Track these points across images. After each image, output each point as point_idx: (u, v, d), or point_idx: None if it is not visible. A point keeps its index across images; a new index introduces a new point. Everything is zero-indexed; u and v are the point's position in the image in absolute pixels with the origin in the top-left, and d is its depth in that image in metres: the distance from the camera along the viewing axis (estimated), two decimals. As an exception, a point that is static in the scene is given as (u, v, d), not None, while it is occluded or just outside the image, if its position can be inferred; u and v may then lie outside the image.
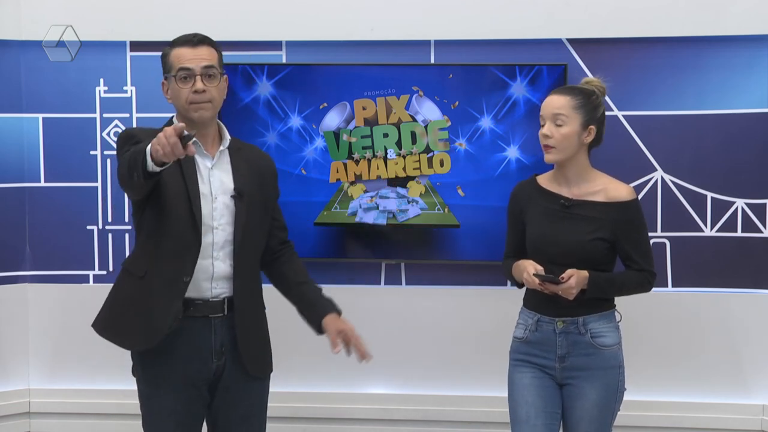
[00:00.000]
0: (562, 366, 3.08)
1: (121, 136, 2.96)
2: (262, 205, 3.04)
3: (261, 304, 3.13)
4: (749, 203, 3.98)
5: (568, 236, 3.05)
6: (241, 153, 3.05)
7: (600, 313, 3.09)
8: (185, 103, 2.92)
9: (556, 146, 3.04)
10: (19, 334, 4.23)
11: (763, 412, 4.03)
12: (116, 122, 4.15)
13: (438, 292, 4.13)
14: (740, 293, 4.02)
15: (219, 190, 2.95)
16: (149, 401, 3.00)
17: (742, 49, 3.91)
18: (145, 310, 2.93)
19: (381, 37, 4.01)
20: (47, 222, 4.20)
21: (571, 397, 3.10)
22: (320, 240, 4.05)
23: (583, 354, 3.07)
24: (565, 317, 3.07)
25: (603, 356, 3.08)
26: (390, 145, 3.99)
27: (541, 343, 3.11)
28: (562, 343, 3.08)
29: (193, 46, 2.93)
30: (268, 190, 3.09)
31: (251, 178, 3.01)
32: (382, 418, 4.15)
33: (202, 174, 2.94)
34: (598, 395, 3.07)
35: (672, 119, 3.98)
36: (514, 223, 3.21)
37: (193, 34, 2.97)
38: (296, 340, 4.15)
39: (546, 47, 3.96)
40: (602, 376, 3.07)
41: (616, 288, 3.10)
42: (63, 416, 4.23)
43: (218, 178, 2.96)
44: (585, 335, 3.07)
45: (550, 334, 3.09)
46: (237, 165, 3.01)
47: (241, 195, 2.96)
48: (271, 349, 3.19)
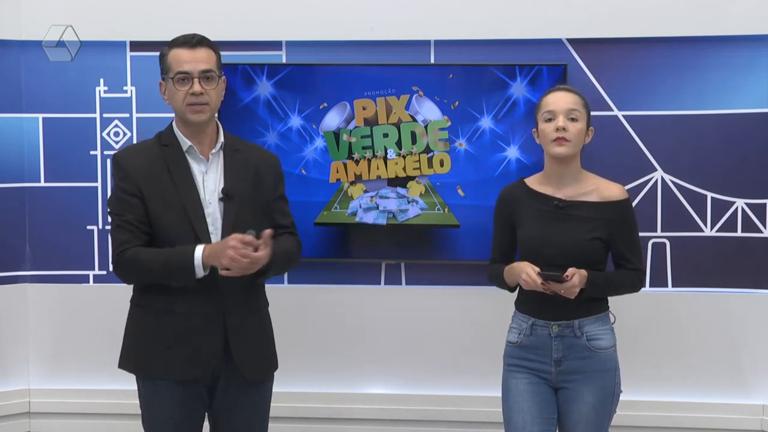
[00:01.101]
0: (557, 370, 3.07)
1: (113, 161, 2.99)
2: (256, 205, 3.00)
3: (260, 304, 3.08)
4: (749, 203, 3.98)
5: (566, 237, 3.04)
6: (240, 154, 3.03)
7: (595, 315, 3.08)
8: (182, 105, 2.92)
9: (572, 140, 3.03)
10: (19, 334, 4.23)
11: (763, 412, 4.03)
12: (116, 122, 4.15)
13: (438, 292, 4.13)
14: (740, 293, 4.02)
15: (212, 195, 2.96)
16: (149, 402, 3.00)
17: (742, 49, 3.91)
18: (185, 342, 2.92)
19: (381, 37, 4.01)
20: (47, 222, 4.19)
21: (567, 401, 3.08)
22: (320, 240, 4.05)
23: (579, 357, 3.06)
24: (561, 320, 3.05)
25: (599, 359, 3.07)
26: (390, 145, 3.99)
27: (536, 348, 3.09)
28: (558, 346, 3.06)
29: (191, 48, 2.93)
30: (265, 189, 3.05)
31: (245, 179, 2.99)
32: (382, 418, 4.15)
33: (196, 180, 2.95)
34: (594, 398, 3.06)
35: (672, 119, 3.97)
36: (501, 227, 3.20)
37: (191, 35, 2.96)
38: (296, 340, 4.16)
39: (546, 47, 3.96)
40: (598, 378, 3.06)
41: (613, 287, 3.09)
42: (63, 416, 4.23)
43: (212, 181, 2.96)
44: (581, 338, 3.06)
45: (545, 338, 3.08)
46: (230, 166, 2.99)
47: (229, 197, 2.94)
48: (275, 350, 3.13)
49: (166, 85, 2.97)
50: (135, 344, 2.99)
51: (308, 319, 4.15)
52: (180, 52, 2.93)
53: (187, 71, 2.90)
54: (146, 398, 3.00)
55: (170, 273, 2.84)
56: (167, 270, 2.84)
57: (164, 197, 2.90)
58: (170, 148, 2.95)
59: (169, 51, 2.95)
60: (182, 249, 2.85)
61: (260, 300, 3.09)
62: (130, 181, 2.90)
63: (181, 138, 2.97)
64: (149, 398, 2.99)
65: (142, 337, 2.97)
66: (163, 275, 2.86)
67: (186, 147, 2.96)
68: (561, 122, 3.02)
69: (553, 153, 3.05)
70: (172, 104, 2.97)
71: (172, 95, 2.95)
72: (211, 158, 2.98)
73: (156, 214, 2.89)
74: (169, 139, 2.98)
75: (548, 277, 2.94)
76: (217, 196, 2.95)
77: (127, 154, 3.00)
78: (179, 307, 2.91)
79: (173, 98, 2.95)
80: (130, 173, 2.90)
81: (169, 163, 2.93)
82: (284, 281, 4.12)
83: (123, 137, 4.13)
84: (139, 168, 2.91)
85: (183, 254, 2.83)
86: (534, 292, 3.03)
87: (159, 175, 2.91)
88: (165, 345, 2.92)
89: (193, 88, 2.90)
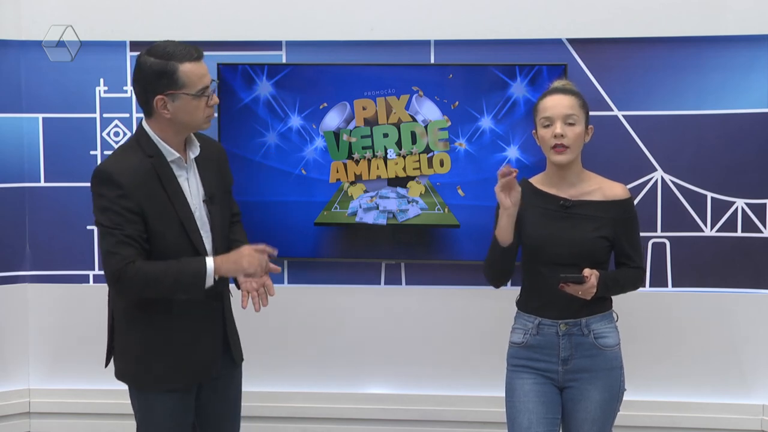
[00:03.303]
0: (565, 369, 3.08)
1: (99, 177, 2.87)
2: (226, 199, 3.12)
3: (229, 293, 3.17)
4: (749, 203, 3.98)
5: (572, 236, 3.05)
6: (203, 152, 3.03)
7: (601, 313, 3.10)
8: (204, 118, 2.92)
9: (571, 146, 3.04)
10: (19, 334, 4.23)
11: (763, 412, 4.03)
12: (116, 122, 4.15)
13: (438, 292, 4.13)
14: (740, 293, 4.02)
15: (196, 199, 2.98)
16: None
17: (742, 49, 3.91)
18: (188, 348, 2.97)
19: (381, 37, 4.01)
20: (47, 222, 4.20)
21: (573, 400, 3.09)
22: (320, 240, 4.05)
23: (587, 355, 3.07)
24: (568, 319, 3.07)
25: (605, 357, 3.08)
26: (390, 145, 3.99)
27: (542, 347, 3.10)
28: (566, 345, 3.07)
29: (199, 60, 2.88)
30: (226, 181, 3.15)
31: (216, 177, 3.06)
32: (382, 418, 4.15)
33: (182, 187, 2.95)
34: (601, 396, 3.07)
35: (672, 119, 3.97)
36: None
37: (192, 47, 2.89)
38: (296, 340, 4.16)
39: (546, 47, 3.96)
40: (605, 377, 3.07)
41: (619, 286, 3.12)
42: (63, 416, 4.23)
43: (193, 185, 2.99)
44: (588, 336, 3.07)
45: (552, 336, 3.08)
46: (204, 168, 3.03)
47: (211, 199, 3.01)
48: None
49: (171, 100, 2.86)
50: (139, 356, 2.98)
51: (308, 319, 4.15)
52: (194, 66, 2.86)
53: (208, 85, 2.89)
54: (144, 412, 3.02)
55: (181, 285, 2.83)
56: (178, 282, 2.82)
57: (162, 214, 2.88)
58: (156, 159, 2.89)
59: (177, 66, 2.83)
60: (190, 260, 2.86)
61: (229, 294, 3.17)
62: (131, 199, 2.81)
63: (166, 149, 2.91)
64: (147, 411, 3.01)
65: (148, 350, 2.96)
66: (174, 288, 2.84)
67: (173, 158, 2.92)
68: (559, 129, 3.02)
69: (554, 161, 3.07)
70: (183, 119, 2.88)
71: (192, 110, 2.88)
72: (191, 163, 2.99)
73: (155, 230, 2.86)
74: (152, 149, 2.90)
75: (569, 279, 2.94)
76: (200, 199, 2.98)
77: (120, 169, 2.85)
78: (183, 318, 2.95)
79: (193, 113, 2.88)
80: (131, 192, 2.81)
81: (161, 177, 2.89)
82: (284, 281, 4.12)
83: (123, 137, 4.13)
84: (138, 187, 2.83)
85: (193, 266, 2.83)
86: (539, 292, 3.07)
87: (156, 194, 2.87)
88: (170, 356, 2.95)
89: (213, 100, 2.91)
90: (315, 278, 4.15)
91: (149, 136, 2.91)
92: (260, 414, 4.13)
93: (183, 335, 2.95)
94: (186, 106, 2.86)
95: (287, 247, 4.02)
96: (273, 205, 3.99)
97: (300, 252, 4.07)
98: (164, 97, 2.85)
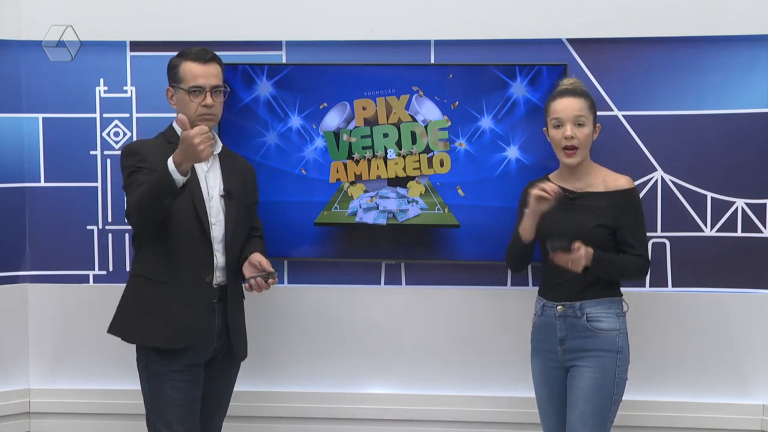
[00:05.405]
0: (562, 349, 3.30)
1: (125, 152, 3.32)
2: (245, 206, 3.45)
3: (242, 292, 3.47)
4: (749, 203, 3.98)
5: (574, 225, 3.27)
6: (229, 159, 3.45)
7: (598, 299, 3.28)
8: (194, 115, 3.28)
9: (580, 147, 3.30)
10: (19, 334, 4.22)
11: (763, 412, 4.03)
12: (116, 122, 4.15)
13: (438, 292, 4.13)
14: (740, 293, 4.02)
15: (214, 191, 3.34)
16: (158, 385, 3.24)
17: (742, 49, 3.91)
18: (179, 313, 3.26)
19: (381, 37, 4.01)
20: (47, 222, 4.19)
21: (571, 378, 3.30)
22: (320, 240, 4.05)
23: (581, 336, 3.27)
24: (564, 302, 3.29)
25: (599, 339, 3.26)
26: (390, 145, 3.99)
27: (545, 328, 3.36)
28: (561, 326, 3.29)
29: (204, 63, 3.29)
30: (250, 194, 3.53)
31: (237, 182, 3.41)
32: (382, 418, 4.14)
33: (198, 176, 3.27)
34: (594, 374, 3.24)
35: (672, 119, 3.98)
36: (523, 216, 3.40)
37: (204, 50, 3.30)
38: (296, 340, 4.16)
39: (546, 47, 3.96)
40: (598, 356, 3.26)
41: (617, 268, 3.29)
42: (63, 416, 4.23)
43: (213, 179, 3.36)
44: (581, 318, 3.27)
45: (551, 318, 3.33)
46: (227, 169, 3.41)
47: (230, 195, 3.35)
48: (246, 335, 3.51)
49: (175, 92, 3.33)
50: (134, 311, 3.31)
51: (308, 319, 4.15)
52: (194, 66, 3.29)
53: (201, 85, 3.28)
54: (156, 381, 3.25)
55: (157, 189, 3.03)
56: (153, 187, 3.04)
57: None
58: (176, 146, 3.11)
59: (181, 62, 3.31)
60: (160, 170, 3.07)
61: (242, 294, 3.49)
62: (149, 162, 3.18)
63: None
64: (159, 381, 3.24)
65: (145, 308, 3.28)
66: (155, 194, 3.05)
67: None
68: (569, 131, 3.28)
69: (565, 163, 3.34)
70: (181, 111, 3.24)
71: (185, 105, 3.30)
72: (212, 160, 3.35)
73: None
74: (173, 137, 3.30)
75: (557, 247, 3.14)
76: (218, 192, 3.34)
77: (141, 144, 3.37)
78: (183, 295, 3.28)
79: (185, 107, 3.29)
80: (149, 158, 3.20)
81: None
82: (284, 281, 4.11)
83: (123, 137, 4.13)
84: (155, 155, 3.19)
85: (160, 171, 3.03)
86: (546, 277, 3.33)
87: None
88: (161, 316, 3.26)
89: (205, 101, 3.28)
90: (315, 278, 4.15)
91: (173, 126, 3.36)
92: (260, 414, 4.13)
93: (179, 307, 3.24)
94: (182, 99, 3.32)
95: (287, 247, 4.03)
96: (273, 205, 3.98)
97: (300, 252, 4.07)
98: (170, 89, 3.36)
